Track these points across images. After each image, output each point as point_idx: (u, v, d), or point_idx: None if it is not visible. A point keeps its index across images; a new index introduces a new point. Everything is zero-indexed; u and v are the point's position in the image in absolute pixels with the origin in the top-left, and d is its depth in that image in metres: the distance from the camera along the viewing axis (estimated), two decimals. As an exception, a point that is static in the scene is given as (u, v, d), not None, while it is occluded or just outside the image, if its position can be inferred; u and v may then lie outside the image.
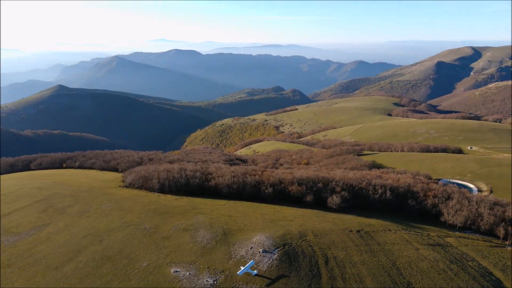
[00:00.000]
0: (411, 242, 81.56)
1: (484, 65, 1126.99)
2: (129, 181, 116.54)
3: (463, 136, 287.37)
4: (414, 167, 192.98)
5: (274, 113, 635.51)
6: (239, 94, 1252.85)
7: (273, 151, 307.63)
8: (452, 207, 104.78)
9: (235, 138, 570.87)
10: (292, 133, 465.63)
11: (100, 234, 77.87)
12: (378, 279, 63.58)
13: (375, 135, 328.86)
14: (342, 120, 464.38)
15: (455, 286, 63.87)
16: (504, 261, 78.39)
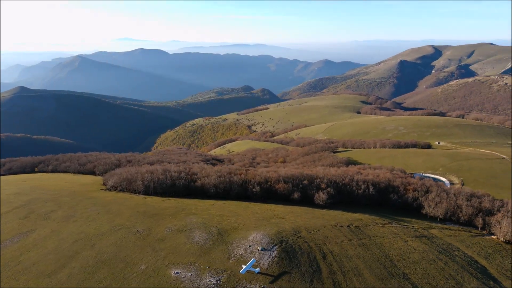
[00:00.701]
0: (399, 234, 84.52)
1: (444, 63, 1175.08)
2: (111, 184, 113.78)
3: (430, 132, 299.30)
4: (387, 163, 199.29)
5: (245, 112, 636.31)
6: (208, 94, 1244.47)
7: (248, 150, 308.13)
8: (432, 199, 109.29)
9: (207, 138, 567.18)
10: (265, 132, 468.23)
11: (91, 239, 75.82)
12: (375, 271, 65.62)
13: (347, 132, 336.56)
14: (313, 119, 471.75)
15: (447, 275, 66.93)
16: (486, 250, 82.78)
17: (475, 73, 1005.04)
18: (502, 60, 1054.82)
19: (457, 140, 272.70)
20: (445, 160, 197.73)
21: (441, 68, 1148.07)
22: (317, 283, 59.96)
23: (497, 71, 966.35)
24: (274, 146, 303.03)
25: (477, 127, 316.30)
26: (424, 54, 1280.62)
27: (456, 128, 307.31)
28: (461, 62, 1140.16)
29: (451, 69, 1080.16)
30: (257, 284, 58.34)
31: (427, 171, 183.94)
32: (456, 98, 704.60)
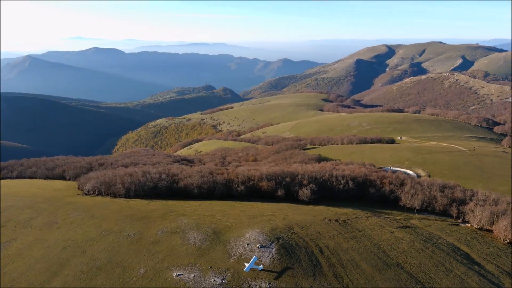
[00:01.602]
0: (385, 226, 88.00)
1: (398, 62, 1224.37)
2: (89, 188, 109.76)
3: (392, 127, 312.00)
4: (357, 158, 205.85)
5: (210, 112, 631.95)
6: (169, 94, 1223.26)
7: (217, 150, 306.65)
8: (408, 192, 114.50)
9: (171, 138, 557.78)
10: (231, 131, 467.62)
11: (80, 245, 73.01)
12: (370, 262, 68.11)
13: (313, 129, 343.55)
14: (278, 117, 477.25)
15: (436, 262, 70.66)
16: (465, 237, 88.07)
17: (427, 71, 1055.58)
18: (451, 58, 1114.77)
19: (417, 135, 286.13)
20: (410, 154, 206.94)
21: (395, 66, 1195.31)
22: (319, 277, 61.41)
23: (447, 68, 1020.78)
24: (243, 145, 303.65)
25: (435, 122, 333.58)
26: (378, 53, 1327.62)
27: (415, 123, 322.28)
28: (413, 60, 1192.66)
29: (404, 67, 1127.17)
30: (262, 281, 58.84)
31: (394, 165, 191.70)
32: (410, 95, 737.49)
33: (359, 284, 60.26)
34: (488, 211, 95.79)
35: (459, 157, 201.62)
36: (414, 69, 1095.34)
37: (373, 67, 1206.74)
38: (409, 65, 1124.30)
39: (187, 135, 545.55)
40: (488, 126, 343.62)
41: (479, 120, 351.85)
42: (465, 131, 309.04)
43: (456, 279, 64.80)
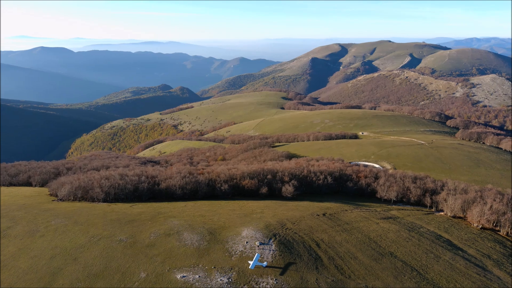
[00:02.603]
0: (369, 218, 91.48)
1: (350, 60, 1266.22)
2: (64, 193, 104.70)
3: (353, 123, 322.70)
4: (324, 154, 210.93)
5: (169, 111, 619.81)
6: (123, 94, 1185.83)
7: (182, 150, 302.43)
8: (383, 184, 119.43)
9: (130, 140, 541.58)
10: (193, 131, 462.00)
11: (70, 253, 69.87)
12: (366, 253, 70.70)
13: (277, 127, 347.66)
14: (241, 115, 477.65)
15: (424, 250, 74.59)
16: (443, 225, 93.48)
17: (378, 69, 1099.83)
18: (400, 56, 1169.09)
19: (378, 130, 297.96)
20: (375, 148, 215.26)
21: (348, 65, 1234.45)
22: (322, 270, 62.95)
23: (396, 66, 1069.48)
24: (210, 145, 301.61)
25: (392, 117, 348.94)
26: (332, 51, 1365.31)
27: (374, 119, 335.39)
28: (365, 59, 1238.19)
29: (356, 65, 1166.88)
30: (268, 277, 59.42)
31: (361, 159, 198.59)
32: (364, 92, 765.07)
33: (360, 274, 62.46)
34: (460, 199, 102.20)
35: (419, 150, 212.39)
36: (366, 67, 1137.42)
37: (328, 66, 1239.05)
38: (361, 63, 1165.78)
39: (147, 136, 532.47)
40: (441, 120, 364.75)
41: (432, 115, 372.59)
42: (421, 125, 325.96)
43: (446, 264, 68.83)
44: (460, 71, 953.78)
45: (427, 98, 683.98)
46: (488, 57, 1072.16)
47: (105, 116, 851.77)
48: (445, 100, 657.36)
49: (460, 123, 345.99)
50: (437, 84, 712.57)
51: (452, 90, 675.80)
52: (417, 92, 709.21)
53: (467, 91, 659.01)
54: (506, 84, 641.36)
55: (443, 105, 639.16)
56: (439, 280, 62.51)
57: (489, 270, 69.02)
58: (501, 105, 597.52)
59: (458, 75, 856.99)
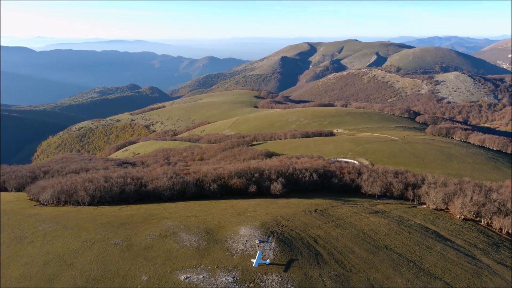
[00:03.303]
0: (359, 213, 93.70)
1: (319, 59, 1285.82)
2: (46, 198, 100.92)
3: (328, 121, 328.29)
4: (302, 151, 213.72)
5: (140, 111, 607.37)
6: (89, 94, 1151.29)
7: (157, 150, 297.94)
8: (367, 179, 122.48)
9: (99, 142, 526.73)
10: (166, 131, 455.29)
11: (64, 258, 67.63)
12: (362, 246, 72.49)
13: (253, 126, 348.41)
14: (215, 115, 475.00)
15: (416, 242, 77.27)
16: (428, 217, 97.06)
17: (346, 67, 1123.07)
18: (366, 55, 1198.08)
19: (352, 127, 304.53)
20: (351, 145, 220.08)
21: (317, 63, 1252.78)
22: (324, 265, 64.06)
23: (363, 64, 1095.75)
24: (186, 145, 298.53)
25: (364, 114, 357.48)
26: (301, 50, 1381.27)
27: (347, 116, 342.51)
28: (333, 57, 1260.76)
29: (325, 64, 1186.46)
30: (273, 274, 59.86)
31: (339, 156, 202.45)
32: (334, 90, 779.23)
33: (361, 268, 64.02)
34: (442, 192, 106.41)
35: (394, 145, 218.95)
36: (335, 65, 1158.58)
37: (297, 64, 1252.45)
38: (330, 62, 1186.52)
39: (118, 137, 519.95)
40: (410, 116, 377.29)
41: (401, 111, 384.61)
42: (392, 121, 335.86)
43: (438, 255, 71.63)
44: (424, 69, 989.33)
45: (394, 95, 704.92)
46: (450, 55, 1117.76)
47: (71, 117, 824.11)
48: (411, 97, 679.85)
49: (428, 119, 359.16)
50: (403, 81, 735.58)
51: (418, 88, 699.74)
52: (384, 90, 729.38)
53: (432, 88, 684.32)
54: (468, 81, 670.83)
55: (410, 102, 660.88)
56: (435, 270, 65.02)
57: (478, 258, 72.44)
58: (464, 101, 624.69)
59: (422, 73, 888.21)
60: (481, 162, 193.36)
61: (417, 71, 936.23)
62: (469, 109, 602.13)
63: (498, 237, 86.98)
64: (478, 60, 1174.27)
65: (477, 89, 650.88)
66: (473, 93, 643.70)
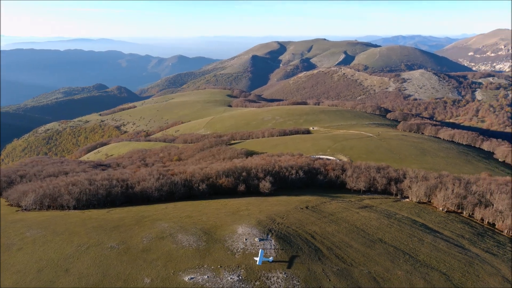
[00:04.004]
0: (349, 208, 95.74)
1: (289, 58, 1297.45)
2: (28, 203, 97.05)
3: (303, 119, 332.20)
4: (281, 149, 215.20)
5: (110, 112, 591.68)
6: (54, 95, 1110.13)
7: (132, 152, 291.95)
8: (351, 175, 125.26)
9: (68, 144, 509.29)
10: (138, 131, 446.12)
11: (59, 264, 65.46)
12: (358, 241, 74.21)
13: (229, 125, 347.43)
14: (188, 114, 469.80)
15: (408, 234, 79.87)
16: (413, 210, 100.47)
17: (316, 66, 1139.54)
18: (335, 54, 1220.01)
19: (327, 124, 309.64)
20: (329, 142, 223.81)
21: (287, 62, 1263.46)
22: (325, 260, 65.18)
23: (332, 63, 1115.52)
24: (161, 145, 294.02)
25: (338, 112, 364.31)
26: (271, 49, 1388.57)
27: (322, 114, 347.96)
28: (303, 56, 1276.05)
29: (295, 63, 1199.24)
30: (277, 272, 60.35)
31: (318, 153, 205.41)
32: (306, 88, 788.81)
33: (360, 261, 65.59)
34: (424, 186, 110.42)
35: (369, 142, 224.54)
36: (305, 64, 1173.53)
37: (268, 63, 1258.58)
38: (300, 61, 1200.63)
39: (87, 139, 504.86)
40: (381, 113, 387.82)
41: (373, 109, 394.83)
42: (364, 119, 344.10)
43: (430, 246, 74.39)
44: (390, 67, 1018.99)
45: (363, 93, 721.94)
46: (415, 53, 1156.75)
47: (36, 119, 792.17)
48: (380, 95, 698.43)
49: (398, 115, 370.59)
50: (372, 79, 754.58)
51: (386, 85, 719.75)
52: (354, 88, 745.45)
53: (399, 85, 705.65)
54: (433, 78, 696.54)
55: (378, 99, 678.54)
56: (430, 261, 67.53)
57: (467, 248, 75.82)
58: (430, 97, 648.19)
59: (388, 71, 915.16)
60: (453, 156, 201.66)
61: (383, 69, 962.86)
62: (435, 106, 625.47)
63: (481, 227, 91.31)
64: (441, 58, 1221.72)
65: (442, 86, 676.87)
66: (438, 90, 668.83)
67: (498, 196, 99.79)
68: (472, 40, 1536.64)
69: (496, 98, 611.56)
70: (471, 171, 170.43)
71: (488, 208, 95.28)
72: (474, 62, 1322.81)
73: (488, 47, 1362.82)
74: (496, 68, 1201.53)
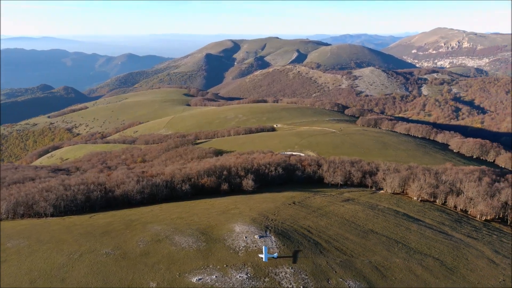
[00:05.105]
0: (333, 202, 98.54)
1: (244, 56, 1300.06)
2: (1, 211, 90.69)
3: (266, 117, 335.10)
4: (249, 147, 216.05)
5: (59, 114, 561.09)
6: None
7: (90, 155, 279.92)
8: (328, 170, 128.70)
9: (15, 148, 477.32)
10: (93, 133, 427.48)
11: (53, 274, 61.96)
12: (352, 232, 76.76)
13: (190, 124, 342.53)
14: (145, 114, 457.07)
15: (395, 224, 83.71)
16: (391, 200, 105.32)
17: (270, 64, 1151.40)
18: (288, 52, 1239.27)
19: (289, 122, 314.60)
20: (296, 138, 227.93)
21: (242, 60, 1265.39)
22: (326, 253, 66.90)
23: (286, 61, 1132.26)
24: (121, 147, 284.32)
25: (298, 109, 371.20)
26: (225, 47, 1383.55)
27: (283, 111, 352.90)
28: (257, 54, 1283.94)
29: (250, 61, 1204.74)
30: (284, 267, 61.13)
31: (287, 150, 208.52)
32: (262, 87, 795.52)
33: (360, 252, 68.00)
34: (398, 178, 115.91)
35: (334, 137, 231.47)
36: (259, 62, 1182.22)
37: (222, 61, 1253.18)
38: (254, 59, 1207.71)
39: (36, 143, 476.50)
40: (339, 109, 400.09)
41: (331, 105, 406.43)
42: (324, 115, 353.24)
43: (417, 234, 78.56)
44: (341, 65, 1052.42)
45: (318, 90, 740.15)
46: (363, 51, 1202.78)
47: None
48: (333, 92, 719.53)
49: (356, 111, 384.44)
50: (326, 77, 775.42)
51: (339, 82, 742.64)
52: (309, 85, 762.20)
53: (351, 82, 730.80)
54: (382, 75, 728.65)
55: (332, 96, 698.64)
56: (422, 248, 71.38)
57: (450, 234, 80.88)
58: (380, 94, 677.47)
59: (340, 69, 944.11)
60: (412, 148, 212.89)
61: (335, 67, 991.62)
62: (385, 101, 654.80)
63: (455, 214, 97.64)
64: (387, 55, 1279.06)
65: (391, 83, 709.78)
66: (387, 86, 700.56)
67: (467, 185, 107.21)
68: (415, 38, 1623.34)
69: (440, 93, 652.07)
70: (431, 162, 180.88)
71: (460, 196, 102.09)
72: (417, 59, 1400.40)
73: (430, 45, 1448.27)
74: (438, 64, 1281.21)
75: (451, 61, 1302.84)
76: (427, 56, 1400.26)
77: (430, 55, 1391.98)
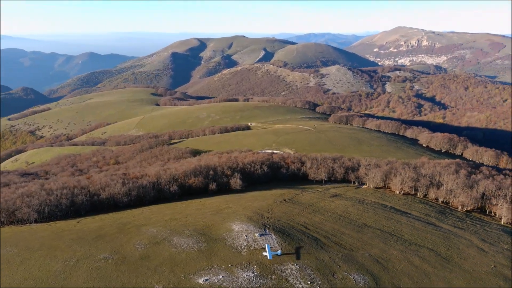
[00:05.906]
0: (323, 198, 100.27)
1: (210, 55, 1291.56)
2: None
3: (239, 115, 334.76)
4: (227, 146, 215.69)
5: (20, 116, 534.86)
6: None
7: (58, 158, 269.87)
8: (311, 167, 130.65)
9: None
10: (58, 135, 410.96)
11: (51, 282, 59.49)
12: (348, 227, 78.49)
13: (162, 124, 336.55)
14: (113, 115, 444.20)
15: (385, 217, 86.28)
16: (376, 195, 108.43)
17: (237, 62, 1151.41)
18: (255, 50, 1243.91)
19: (263, 120, 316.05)
20: (272, 137, 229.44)
21: (209, 59, 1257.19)
22: (327, 248, 68.11)
23: (253, 60, 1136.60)
24: (91, 149, 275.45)
25: (271, 107, 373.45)
26: (191, 46, 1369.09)
27: (256, 110, 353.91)
28: (224, 53, 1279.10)
29: (217, 60, 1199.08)
30: (289, 264, 61.76)
31: (265, 148, 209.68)
32: (231, 85, 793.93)
33: (358, 246, 69.70)
34: (380, 172, 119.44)
35: (309, 134, 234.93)
36: (226, 61, 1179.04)
37: (189, 60, 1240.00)
38: (222, 58, 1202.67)
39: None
40: (310, 107, 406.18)
41: (302, 103, 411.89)
42: (297, 113, 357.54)
43: (408, 226, 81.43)
44: (307, 63, 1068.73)
45: (287, 88, 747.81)
46: (328, 50, 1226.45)
47: None
48: (302, 90, 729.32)
49: (326, 109, 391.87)
50: (294, 75, 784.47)
51: (306, 81, 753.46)
52: (277, 84, 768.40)
53: (318, 81, 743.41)
54: (348, 73, 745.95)
55: (301, 94, 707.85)
56: (415, 239, 74.10)
57: (438, 225, 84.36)
58: (346, 91, 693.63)
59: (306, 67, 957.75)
60: (385, 144, 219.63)
61: (302, 66, 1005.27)
62: (351, 99, 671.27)
63: (438, 206, 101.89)
64: (351, 54, 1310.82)
65: (356, 81, 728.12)
66: (353, 84, 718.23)
67: (446, 177, 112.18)
68: (377, 37, 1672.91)
69: (403, 90, 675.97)
70: (404, 156, 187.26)
71: (441, 189, 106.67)
72: (379, 57, 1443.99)
73: (391, 43, 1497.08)
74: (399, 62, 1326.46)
75: (411, 59, 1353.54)
76: (389, 54, 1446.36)
77: (391, 54, 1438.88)
